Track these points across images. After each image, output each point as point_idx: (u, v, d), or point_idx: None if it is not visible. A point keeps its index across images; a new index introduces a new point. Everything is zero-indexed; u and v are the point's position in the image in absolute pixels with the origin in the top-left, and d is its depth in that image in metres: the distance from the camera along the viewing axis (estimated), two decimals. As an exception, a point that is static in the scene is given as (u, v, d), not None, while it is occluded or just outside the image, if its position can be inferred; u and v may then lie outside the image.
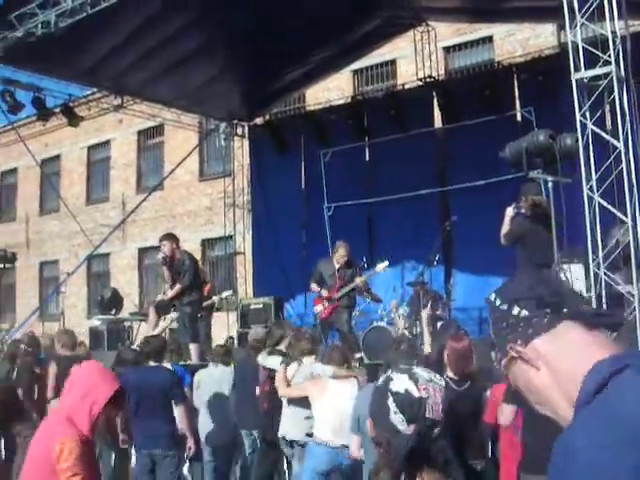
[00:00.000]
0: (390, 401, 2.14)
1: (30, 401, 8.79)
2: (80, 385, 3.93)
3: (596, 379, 1.40)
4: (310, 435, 6.91)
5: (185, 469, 8.11)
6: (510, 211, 9.58)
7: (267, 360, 7.90)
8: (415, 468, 2.17)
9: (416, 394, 2.11)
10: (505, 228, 9.50)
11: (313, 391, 6.94)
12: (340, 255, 11.60)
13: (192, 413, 7.91)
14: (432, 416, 2.22)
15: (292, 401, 7.27)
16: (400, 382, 2.16)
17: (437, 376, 2.33)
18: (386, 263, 11.65)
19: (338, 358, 7.17)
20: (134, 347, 9.03)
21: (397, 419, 2.16)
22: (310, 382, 7.06)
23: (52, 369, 8.72)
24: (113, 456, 7.95)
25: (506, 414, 5.20)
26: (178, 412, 7.36)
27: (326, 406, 6.72)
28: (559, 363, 1.49)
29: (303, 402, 7.07)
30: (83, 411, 3.83)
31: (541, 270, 8.61)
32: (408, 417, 2.12)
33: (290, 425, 7.27)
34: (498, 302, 1.61)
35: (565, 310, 1.51)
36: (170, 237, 11.59)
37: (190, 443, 7.49)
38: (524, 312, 1.53)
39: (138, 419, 7.26)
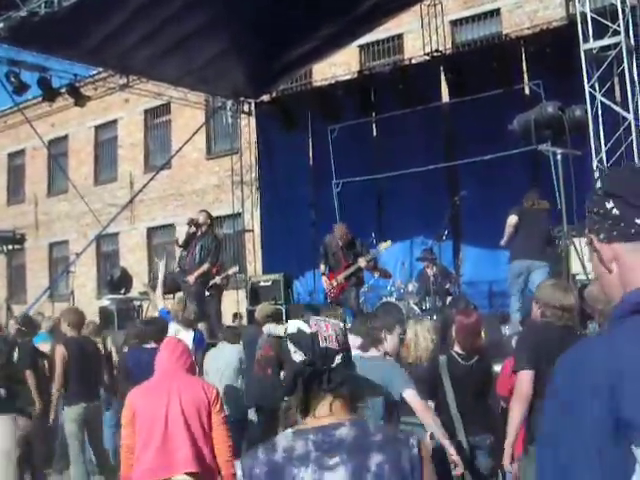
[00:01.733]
0: (288, 343, 2.37)
1: (35, 381, 8.73)
2: (189, 353, 5.00)
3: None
4: None
5: None
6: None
7: (277, 329, 7.91)
8: (312, 392, 2.34)
9: (308, 330, 2.36)
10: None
11: None
12: (339, 237, 11.57)
13: None
14: (328, 344, 2.38)
15: None
16: (293, 325, 2.42)
17: (333, 319, 2.57)
18: (389, 243, 11.60)
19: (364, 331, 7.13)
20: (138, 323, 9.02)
21: (297, 356, 2.36)
22: None
23: (59, 350, 8.58)
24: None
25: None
26: None
27: None
28: (633, 277, 1.45)
29: None
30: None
31: None
32: (304, 350, 2.34)
33: None
34: (599, 184, 1.53)
35: None
36: (209, 214, 11.99)
37: None
38: (615, 211, 1.46)
39: None
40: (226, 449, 4.65)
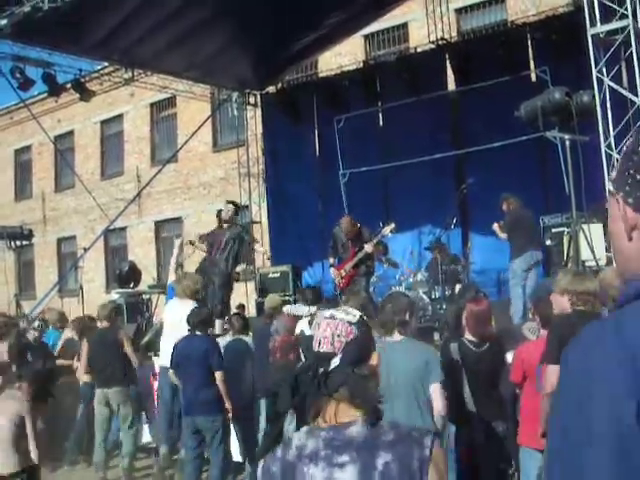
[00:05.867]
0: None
1: None
2: None
3: None
4: None
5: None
6: (496, 225, 10.87)
7: (298, 309, 7.87)
8: (313, 397, 2.31)
9: (308, 333, 2.31)
10: (502, 235, 10.77)
11: None
12: (345, 230, 11.43)
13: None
14: (321, 348, 2.33)
15: None
16: (298, 327, 2.38)
17: (348, 313, 2.43)
18: (392, 225, 11.46)
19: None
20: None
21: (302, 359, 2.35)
22: None
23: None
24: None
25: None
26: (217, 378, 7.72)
27: None
28: None
29: None
30: None
31: None
32: (304, 353, 2.34)
33: None
34: None
35: None
36: (235, 207, 12.10)
37: (227, 405, 7.71)
38: None
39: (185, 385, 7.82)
40: None
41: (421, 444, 2.20)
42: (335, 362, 2.30)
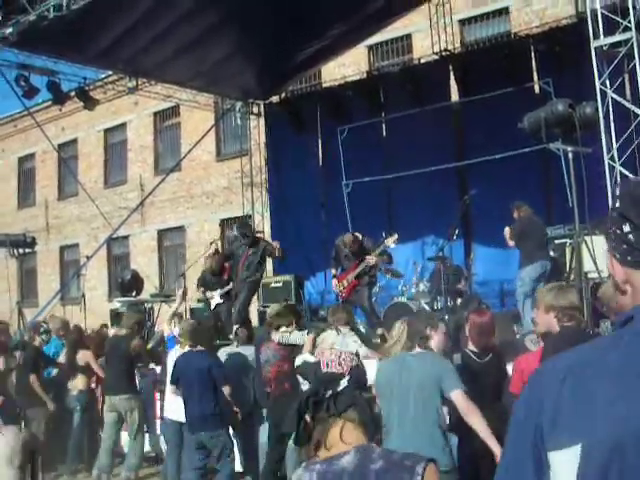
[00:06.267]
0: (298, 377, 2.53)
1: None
2: None
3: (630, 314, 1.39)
4: None
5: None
6: (507, 230, 10.44)
7: (290, 337, 7.79)
8: (320, 421, 2.37)
9: (312, 360, 2.48)
10: (510, 242, 10.46)
11: None
12: (348, 245, 11.51)
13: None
14: (329, 369, 2.49)
15: None
16: (300, 359, 2.58)
17: (347, 346, 2.63)
18: (395, 236, 11.51)
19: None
20: None
21: (304, 388, 2.46)
22: None
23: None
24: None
25: None
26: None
27: None
28: None
29: None
30: None
31: None
32: (308, 379, 2.53)
33: None
34: (617, 204, 1.47)
35: None
36: (239, 229, 12.62)
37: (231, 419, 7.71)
38: (631, 237, 1.41)
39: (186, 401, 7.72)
40: None
41: (412, 472, 2.21)
42: (344, 382, 2.37)
